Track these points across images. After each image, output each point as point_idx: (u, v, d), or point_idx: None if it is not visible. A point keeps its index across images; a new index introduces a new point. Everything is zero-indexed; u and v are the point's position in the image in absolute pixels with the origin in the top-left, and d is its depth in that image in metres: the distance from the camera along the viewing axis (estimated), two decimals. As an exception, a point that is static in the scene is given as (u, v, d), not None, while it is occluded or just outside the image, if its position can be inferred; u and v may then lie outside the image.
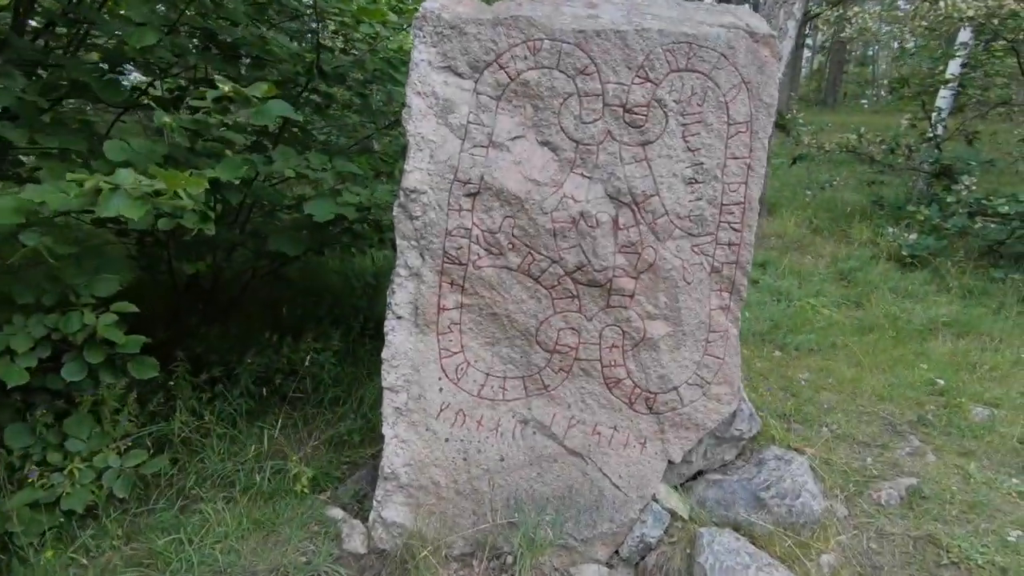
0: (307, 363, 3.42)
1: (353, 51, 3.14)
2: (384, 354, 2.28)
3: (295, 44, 3.18)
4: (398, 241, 2.21)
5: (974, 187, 5.29)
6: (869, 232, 6.36)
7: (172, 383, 3.09)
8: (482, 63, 2.08)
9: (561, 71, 2.11)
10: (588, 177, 2.22)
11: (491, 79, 2.10)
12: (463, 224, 2.18)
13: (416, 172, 2.12)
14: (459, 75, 2.09)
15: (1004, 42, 6.58)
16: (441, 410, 2.36)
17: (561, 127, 2.16)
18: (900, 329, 4.24)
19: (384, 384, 2.30)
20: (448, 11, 2.05)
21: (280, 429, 3.02)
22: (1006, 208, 4.98)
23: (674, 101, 2.18)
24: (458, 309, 2.29)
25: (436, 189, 2.14)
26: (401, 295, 2.26)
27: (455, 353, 2.33)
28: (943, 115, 7.21)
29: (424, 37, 2.06)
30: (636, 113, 2.17)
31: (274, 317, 4.00)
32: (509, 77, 2.10)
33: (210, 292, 4.09)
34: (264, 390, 3.25)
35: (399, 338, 2.29)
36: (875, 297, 4.84)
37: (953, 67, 7.01)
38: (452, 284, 2.25)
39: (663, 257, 2.29)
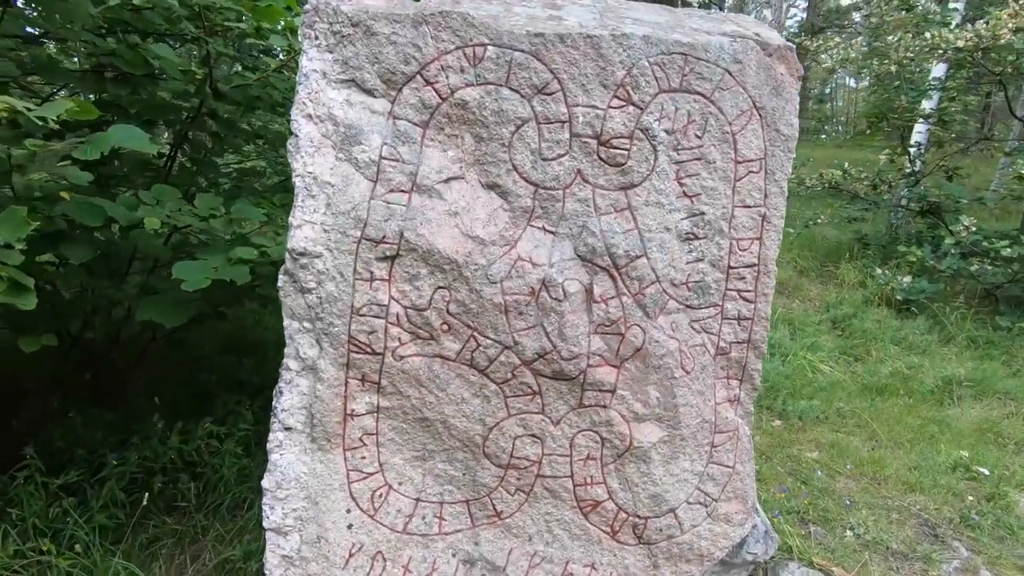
0: (203, 453, 2.70)
1: (260, 68, 2.53)
2: (266, 482, 1.61)
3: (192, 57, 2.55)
4: (285, 322, 1.57)
5: (974, 227, 4.91)
6: (856, 273, 5.95)
7: (12, 492, 2.34)
8: (401, 76, 1.49)
9: (513, 89, 1.52)
10: (551, 232, 1.63)
11: (414, 98, 1.50)
12: (376, 299, 1.55)
13: (307, 227, 1.49)
14: (368, 92, 1.49)
15: (972, 77, 6.38)
16: (351, 555, 1.68)
17: (513, 165, 1.57)
18: (911, 391, 3.73)
19: (266, 524, 1.62)
20: (350, 2, 1.46)
21: (149, 557, 2.28)
22: (1008, 251, 4.58)
23: (665, 131, 1.62)
24: (373, 414, 1.64)
25: (336, 251, 1.51)
26: (291, 398, 1.60)
27: (370, 474, 1.67)
28: (922, 150, 6.96)
29: (316, 39, 1.46)
30: (615, 147, 1.59)
31: (176, 390, 3.27)
32: (439, 96, 1.50)
33: (105, 358, 3.35)
34: (142, 496, 2.51)
35: (289, 458, 1.62)
36: (876, 350, 4.35)
37: (929, 101, 6.78)
38: (363, 381, 1.61)
39: (654, 339, 1.69)
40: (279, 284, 1.54)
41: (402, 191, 1.52)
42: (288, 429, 1.61)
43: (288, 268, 1.52)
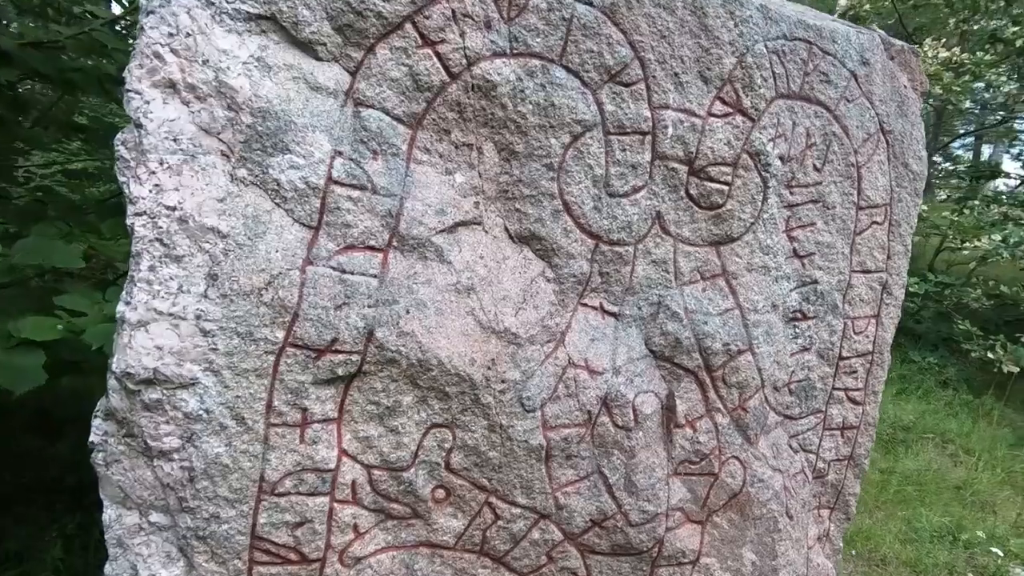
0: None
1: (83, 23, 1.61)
2: None
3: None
4: (106, 514, 0.74)
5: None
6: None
7: None
8: (374, 23, 0.75)
9: (570, 70, 0.86)
10: (612, 314, 0.97)
11: (397, 69, 0.77)
12: (312, 459, 0.78)
13: (159, 325, 0.69)
14: (304, 46, 0.74)
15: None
16: None
17: (565, 202, 0.89)
18: (863, 439, 3.57)
19: None
20: None
21: None
22: (915, 287, 4.72)
23: (780, 158, 1.05)
24: (297, 666, 0.86)
25: (230, 372, 0.73)
26: (117, 669, 0.77)
27: None
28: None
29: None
30: (713, 178, 0.99)
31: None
32: (445, 68, 0.79)
33: None
34: None
35: None
36: (812, 390, 4.20)
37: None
38: (280, 613, 0.82)
39: (757, 477, 1.09)
40: (92, 439, 0.72)
41: (371, 248, 0.77)
42: None
43: (114, 408, 0.71)
